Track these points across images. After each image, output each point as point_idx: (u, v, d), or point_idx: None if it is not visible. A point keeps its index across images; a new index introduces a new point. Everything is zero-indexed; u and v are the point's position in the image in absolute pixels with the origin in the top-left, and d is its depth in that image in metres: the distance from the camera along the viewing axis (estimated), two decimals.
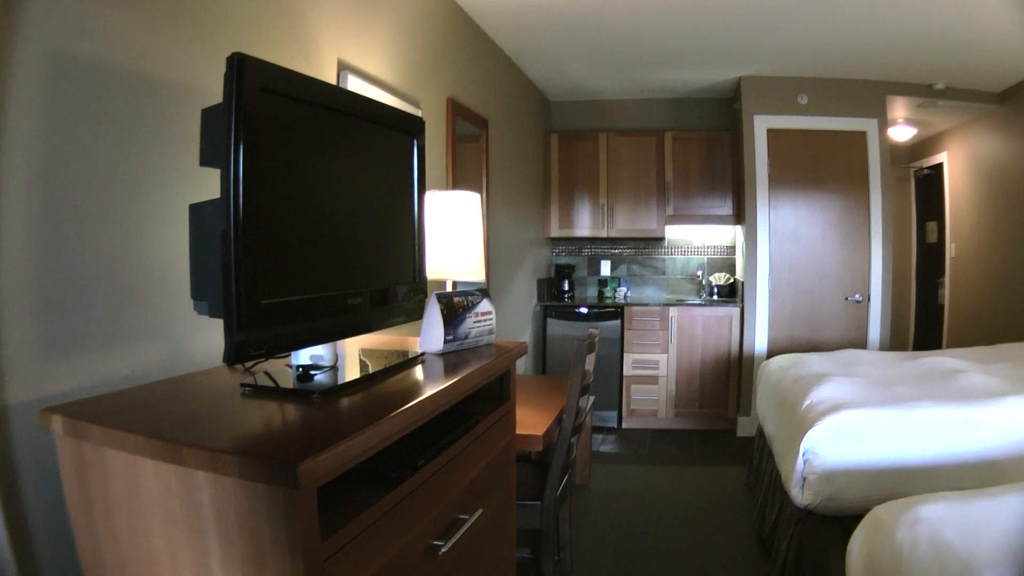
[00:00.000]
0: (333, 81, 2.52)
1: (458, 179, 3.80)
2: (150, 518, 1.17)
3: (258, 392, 1.45)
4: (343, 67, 2.59)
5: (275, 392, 1.45)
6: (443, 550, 1.49)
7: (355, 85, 2.64)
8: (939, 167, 7.17)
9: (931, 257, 7.55)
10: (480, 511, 1.71)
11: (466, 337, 1.96)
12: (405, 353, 1.85)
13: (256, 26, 2.11)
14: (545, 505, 2.71)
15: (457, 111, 3.83)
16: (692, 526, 3.92)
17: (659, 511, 4.13)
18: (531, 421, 2.84)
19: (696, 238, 6.60)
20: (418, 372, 1.71)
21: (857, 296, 5.75)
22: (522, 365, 5.41)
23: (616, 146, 6.28)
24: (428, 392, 1.45)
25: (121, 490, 1.20)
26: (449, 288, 2.53)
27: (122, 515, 1.21)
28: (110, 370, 1.57)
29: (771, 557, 3.28)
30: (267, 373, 1.55)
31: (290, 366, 1.56)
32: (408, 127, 1.84)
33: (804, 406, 3.21)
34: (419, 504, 1.43)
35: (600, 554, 3.58)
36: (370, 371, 1.63)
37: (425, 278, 1.94)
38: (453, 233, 2.49)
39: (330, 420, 1.29)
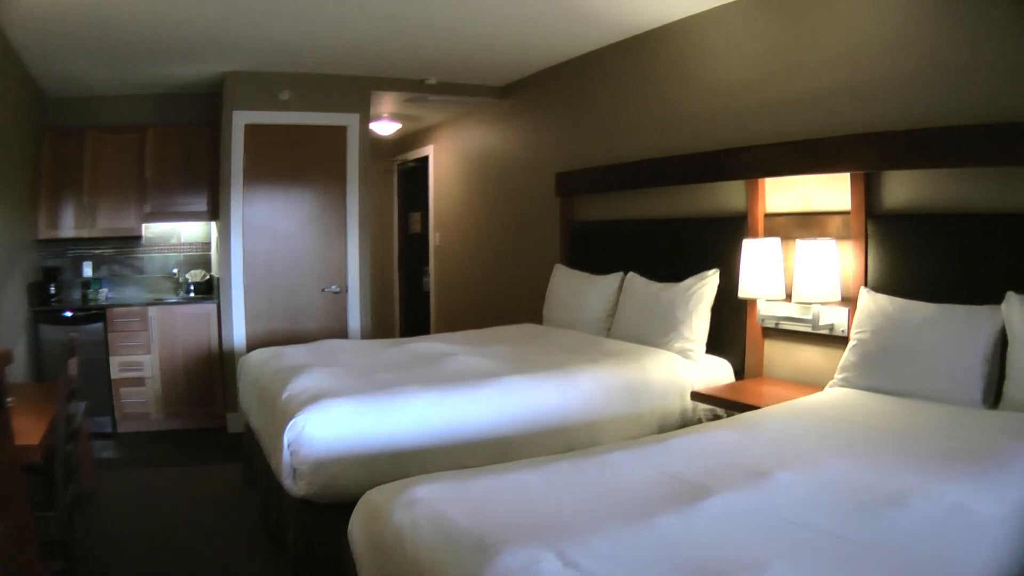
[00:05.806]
0: None
1: None
2: None
3: None
4: None
5: None
6: None
7: None
8: (425, 160, 8.03)
9: (416, 247, 8.40)
10: None
11: None
12: None
13: None
14: (59, 515, 2.78)
15: None
16: (201, 526, 4.00)
17: (167, 513, 4.19)
18: (29, 431, 2.84)
19: (173, 235, 6.76)
20: None
21: (334, 287, 6.22)
22: (21, 373, 5.14)
23: (102, 144, 6.18)
24: None
25: None
26: None
27: None
28: None
29: (283, 550, 3.36)
30: None
31: None
32: None
33: (283, 397, 3.30)
34: None
35: (120, 561, 3.55)
36: None
37: None
38: None
39: None
